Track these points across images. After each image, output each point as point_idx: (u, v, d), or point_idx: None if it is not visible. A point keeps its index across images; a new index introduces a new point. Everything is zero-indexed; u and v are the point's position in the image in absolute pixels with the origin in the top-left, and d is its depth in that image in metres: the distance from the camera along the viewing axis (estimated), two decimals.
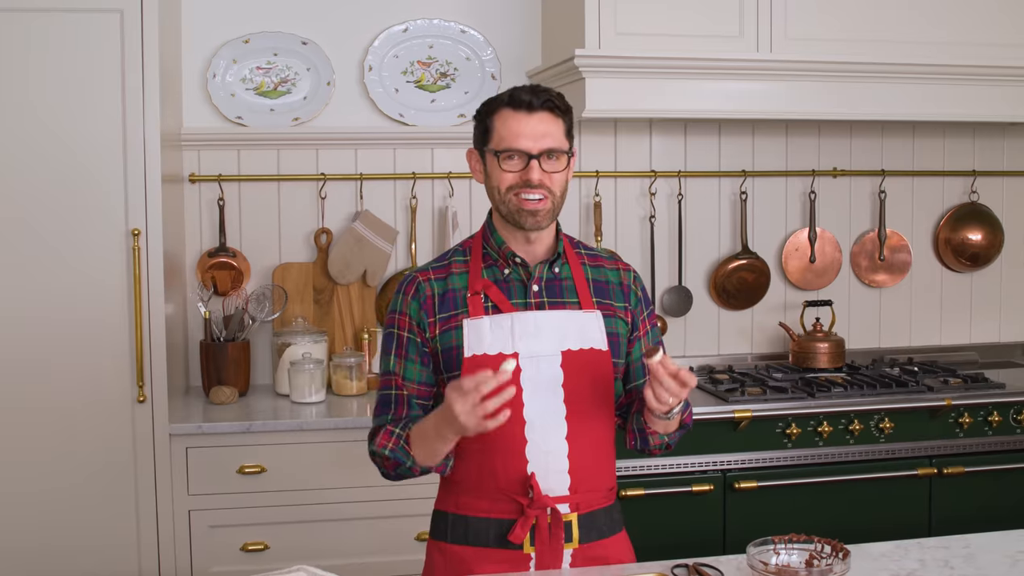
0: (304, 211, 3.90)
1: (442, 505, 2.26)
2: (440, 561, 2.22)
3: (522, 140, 2.14)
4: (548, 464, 2.14)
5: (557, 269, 2.24)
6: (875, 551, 2.17)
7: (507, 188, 2.16)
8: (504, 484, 2.15)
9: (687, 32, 3.56)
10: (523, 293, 2.21)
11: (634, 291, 2.31)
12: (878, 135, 4.27)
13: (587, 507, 2.18)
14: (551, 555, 2.14)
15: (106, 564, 3.25)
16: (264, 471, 3.28)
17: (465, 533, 2.19)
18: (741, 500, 3.45)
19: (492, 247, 2.23)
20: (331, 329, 3.87)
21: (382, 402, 2.25)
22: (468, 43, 3.95)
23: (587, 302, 2.22)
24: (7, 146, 3.13)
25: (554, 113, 2.17)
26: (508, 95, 2.17)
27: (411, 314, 2.22)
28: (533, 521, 2.13)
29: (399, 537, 3.32)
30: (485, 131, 2.20)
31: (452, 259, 2.27)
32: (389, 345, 2.25)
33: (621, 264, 2.35)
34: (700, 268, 4.18)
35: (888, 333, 4.36)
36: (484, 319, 2.17)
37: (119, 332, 3.21)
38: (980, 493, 3.61)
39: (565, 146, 2.18)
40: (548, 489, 2.14)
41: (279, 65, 3.83)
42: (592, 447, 2.19)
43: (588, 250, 2.33)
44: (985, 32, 3.75)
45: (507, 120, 2.16)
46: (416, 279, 2.25)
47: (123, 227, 3.20)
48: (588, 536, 2.18)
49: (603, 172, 4.04)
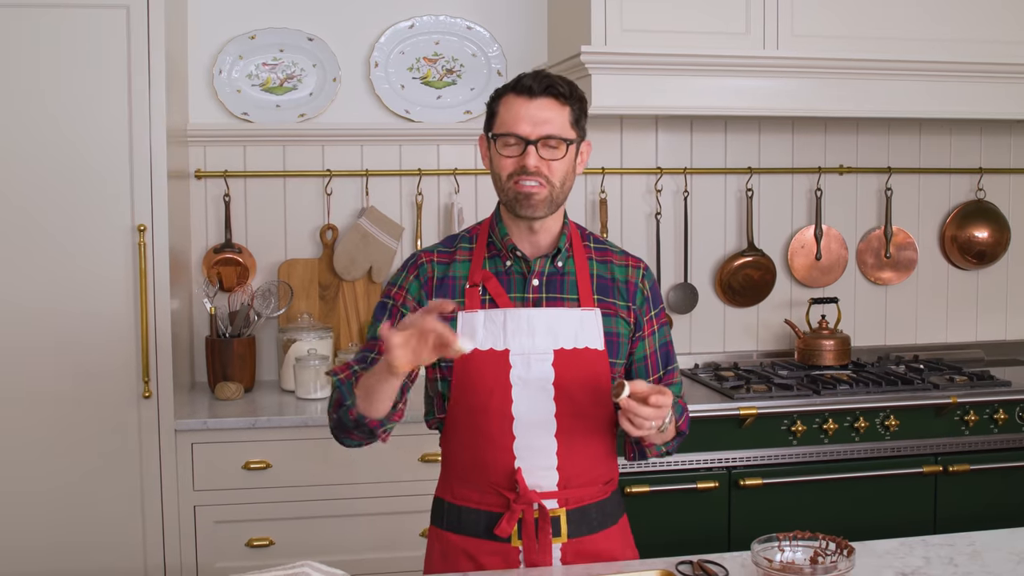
0: (310, 207, 3.90)
1: (440, 492, 2.27)
2: (438, 547, 2.24)
3: (520, 125, 2.10)
4: (535, 460, 2.13)
5: (560, 263, 2.21)
6: (880, 548, 2.17)
7: (507, 176, 2.12)
8: (493, 478, 2.15)
9: (693, 29, 3.56)
10: (523, 287, 2.19)
11: (641, 289, 2.26)
12: (885, 132, 4.26)
13: (577, 502, 2.17)
14: (539, 549, 2.14)
15: (112, 559, 3.25)
16: (269, 467, 3.28)
17: (459, 522, 2.19)
18: (746, 497, 3.44)
19: (496, 237, 2.22)
20: (336, 325, 3.88)
21: (358, 358, 2.19)
22: (474, 39, 3.95)
23: (587, 299, 2.20)
24: (14, 142, 3.13)
25: (558, 100, 2.12)
26: (515, 80, 2.15)
27: (410, 291, 2.21)
28: (519, 516, 2.13)
29: (404, 533, 3.32)
30: (491, 116, 2.18)
31: (458, 245, 2.25)
32: (381, 314, 2.22)
33: (631, 260, 2.30)
34: (706, 265, 4.18)
35: (894, 330, 4.35)
36: (479, 313, 2.15)
37: (125, 328, 3.22)
38: (986, 491, 3.60)
39: (567, 134, 2.12)
40: (535, 485, 2.13)
41: (285, 61, 3.84)
42: (584, 445, 2.17)
43: (598, 243, 2.30)
44: (991, 29, 3.74)
45: (510, 104, 2.13)
46: (420, 259, 2.24)
47: (129, 223, 3.20)
48: (578, 531, 2.17)
49: (609, 169, 4.03)
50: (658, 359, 2.28)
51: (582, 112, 2.17)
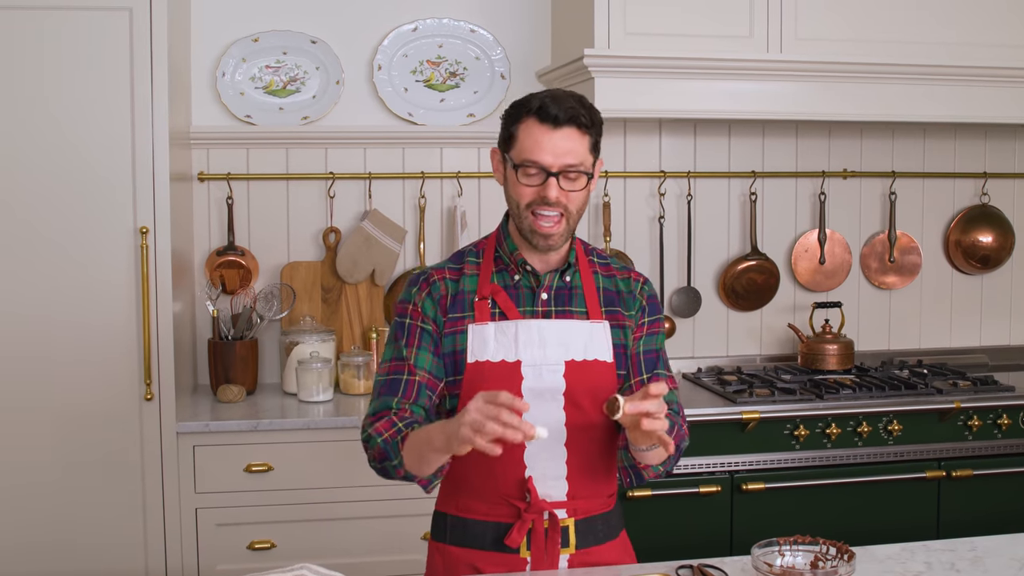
0: (313, 210, 3.90)
1: (442, 506, 2.26)
2: (440, 562, 2.22)
3: (543, 155, 2.08)
4: (546, 470, 2.13)
5: (568, 278, 2.22)
6: (881, 553, 2.16)
7: (525, 205, 2.12)
8: (503, 488, 2.14)
9: (697, 32, 3.56)
10: (531, 300, 2.19)
11: (639, 299, 2.26)
12: (889, 136, 4.26)
13: (585, 513, 2.17)
14: (547, 560, 2.14)
15: (113, 561, 3.26)
16: (271, 470, 3.28)
17: (463, 535, 2.19)
18: (749, 501, 3.44)
19: (504, 252, 2.21)
20: (339, 328, 3.88)
21: (388, 385, 2.17)
22: (477, 42, 3.95)
23: (595, 312, 2.20)
24: (16, 144, 3.13)
25: (580, 129, 2.10)
26: (538, 104, 2.10)
27: (425, 309, 2.19)
28: (530, 525, 2.12)
29: (404, 537, 3.32)
30: (509, 137, 2.15)
31: (466, 260, 2.25)
32: (400, 333, 2.20)
33: (634, 274, 2.30)
34: (709, 269, 4.17)
35: (897, 335, 4.34)
36: (489, 325, 2.15)
37: (127, 330, 3.22)
38: (989, 496, 3.59)
39: (587, 164, 2.11)
40: (545, 495, 2.13)
41: (288, 64, 3.84)
42: (592, 455, 2.18)
43: (601, 258, 2.30)
44: (996, 33, 3.73)
45: (532, 131, 2.10)
46: (432, 276, 2.22)
47: (131, 225, 3.20)
48: (585, 541, 2.17)
49: (612, 172, 4.03)
50: (640, 362, 2.24)
51: (599, 136, 2.16)
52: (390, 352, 2.21)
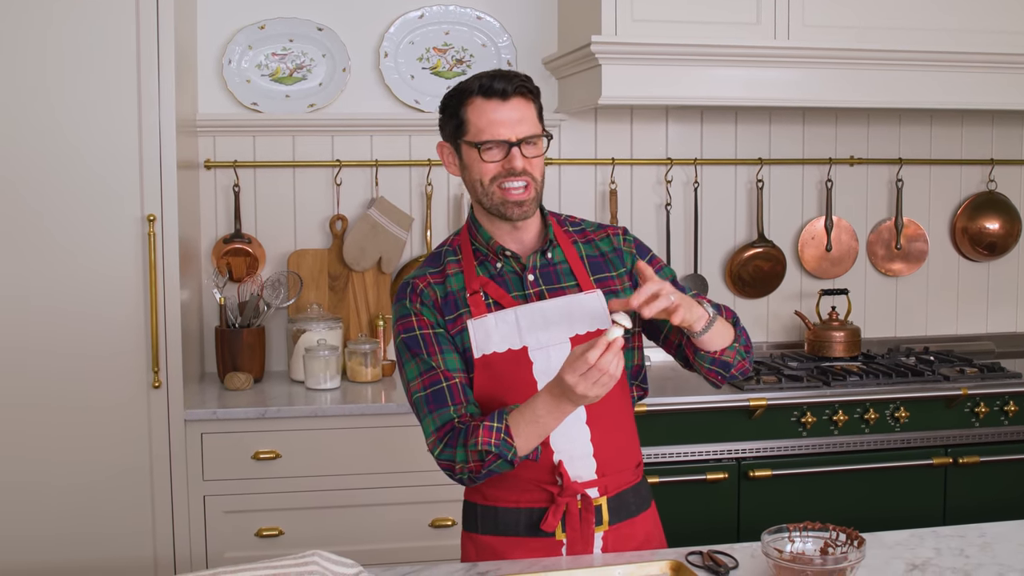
0: (319, 197, 3.90)
1: (471, 496, 2.25)
2: (473, 551, 2.22)
3: (501, 129, 2.09)
4: (573, 450, 2.13)
5: (550, 255, 2.21)
6: (890, 539, 2.16)
7: (491, 179, 2.11)
8: (533, 474, 2.13)
9: (704, 19, 3.54)
10: (520, 285, 2.18)
11: (627, 251, 2.26)
12: (895, 123, 4.25)
13: (616, 488, 2.17)
14: (582, 540, 2.14)
15: (122, 549, 3.26)
16: (279, 457, 3.29)
17: (495, 524, 2.18)
18: (756, 488, 3.44)
19: (480, 243, 2.20)
20: (346, 316, 3.88)
21: (433, 398, 2.11)
22: (484, 29, 3.94)
23: (586, 283, 2.19)
24: (22, 132, 3.13)
25: (527, 97, 2.13)
26: (477, 84, 2.11)
27: (425, 315, 2.16)
28: (564, 508, 2.12)
29: (413, 523, 3.33)
30: (459, 124, 2.14)
31: (445, 260, 2.22)
32: (416, 347, 2.14)
33: (610, 229, 2.30)
34: (716, 256, 4.17)
35: (904, 322, 4.34)
36: (488, 317, 2.14)
37: (134, 318, 3.22)
38: (996, 482, 3.60)
39: (540, 130, 2.15)
40: (576, 476, 2.13)
41: (295, 51, 3.83)
42: (613, 428, 2.17)
43: (575, 225, 2.29)
44: (1002, 19, 3.72)
45: (482, 110, 2.11)
46: (417, 285, 2.19)
47: (138, 213, 3.20)
48: (618, 516, 2.18)
49: (619, 159, 4.03)
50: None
51: (541, 104, 2.20)
52: (415, 369, 2.15)
